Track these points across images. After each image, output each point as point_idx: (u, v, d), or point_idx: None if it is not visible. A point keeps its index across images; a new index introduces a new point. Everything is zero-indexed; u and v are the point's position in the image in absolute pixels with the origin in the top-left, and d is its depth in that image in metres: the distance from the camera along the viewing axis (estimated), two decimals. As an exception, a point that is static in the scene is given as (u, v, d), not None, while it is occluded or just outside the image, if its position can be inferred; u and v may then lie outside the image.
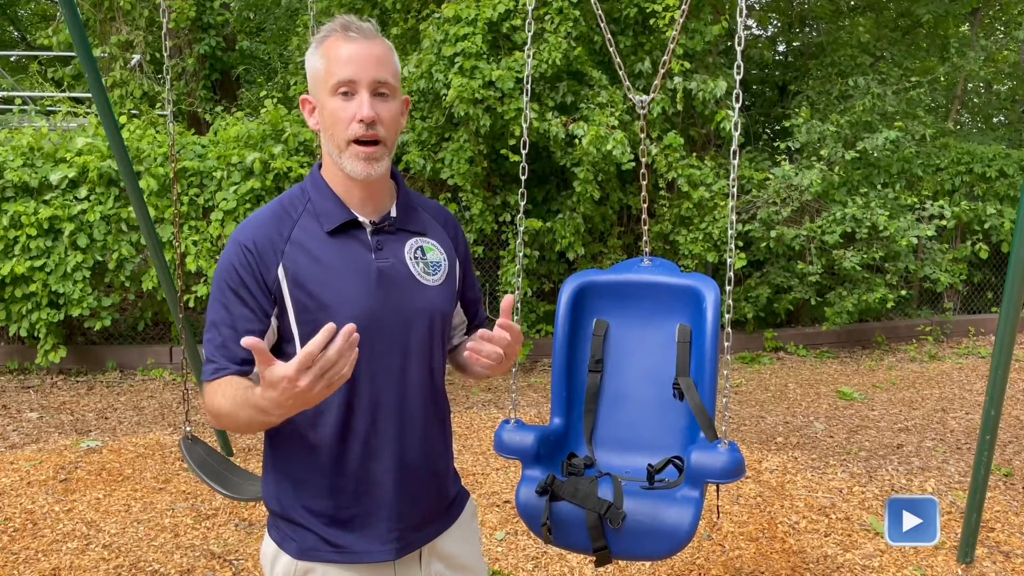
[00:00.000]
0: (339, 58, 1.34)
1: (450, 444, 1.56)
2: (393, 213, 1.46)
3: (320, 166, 1.47)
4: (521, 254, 2.42)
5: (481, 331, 1.45)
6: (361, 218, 1.42)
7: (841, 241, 6.81)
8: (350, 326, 1.13)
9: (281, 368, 1.11)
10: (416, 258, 1.45)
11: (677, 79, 6.42)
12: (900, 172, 7.75)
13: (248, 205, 6.09)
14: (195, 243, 6.08)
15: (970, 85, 11.28)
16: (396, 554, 1.42)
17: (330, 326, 1.11)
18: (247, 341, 1.08)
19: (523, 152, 2.23)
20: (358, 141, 1.35)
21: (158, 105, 8.34)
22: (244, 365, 1.35)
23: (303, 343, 1.36)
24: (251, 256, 1.35)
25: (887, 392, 6.05)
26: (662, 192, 6.71)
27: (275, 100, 6.66)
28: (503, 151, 6.22)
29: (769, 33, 11.03)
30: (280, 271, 1.35)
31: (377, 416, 1.39)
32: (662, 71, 2.44)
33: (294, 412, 1.19)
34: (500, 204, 6.69)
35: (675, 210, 6.77)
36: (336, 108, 1.35)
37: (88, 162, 5.95)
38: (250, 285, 1.35)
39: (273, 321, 1.37)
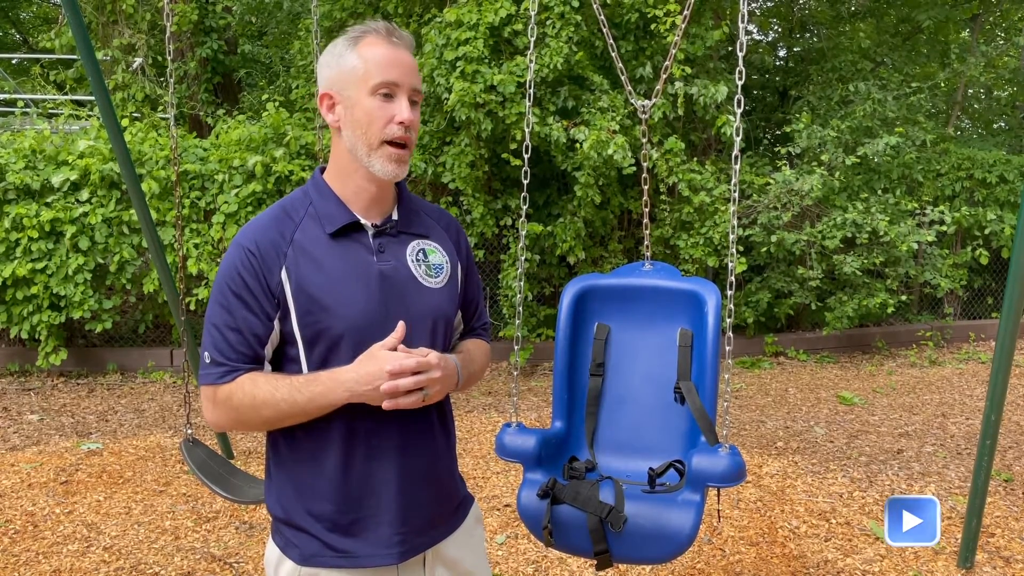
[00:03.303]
0: (382, 60, 1.36)
1: (454, 448, 1.56)
2: (395, 216, 1.47)
3: (323, 169, 1.47)
4: (522, 258, 2.42)
5: (463, 342, 1.57)
6: (363, 220, 1.42)
7: (841, 246, 6.82)
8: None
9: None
10: (418, 260, 1.45)
11: (678, 84, 6.43)
12: (900, 177, 7.76)
13: (249, 208, 6.10)
14: (196, 246, 6.09)
15: (970, 90, 11.27)
16: (399, 558, 1.41)
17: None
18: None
19: (525, 156, 2.23)
20: (392, 143, 1.37)
21: (160, 108, 8.35)
22: (256, 364, 1.37)
23: (306, 346, 1.37)
24: (254, 259, 1.35)
25: (887, 397, 6.04)
26: (663, 196, 6.72)
27: (276, 104, 6.67)
28: (504, 155, 6.23)
29: (770, 38, 11.05)
30: (283, 274, 1.35)
31: (379, 420, 1.38)
32: (663, 76, 2.45)
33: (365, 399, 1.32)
34: (501, 208, 6.70)
35: (676, 214, 6.77)
36: (374, 107, 1.36)
37: (90, 164, 5.96)
38: (253, 288, 1.35)
39: (276, 324, 1.37)
